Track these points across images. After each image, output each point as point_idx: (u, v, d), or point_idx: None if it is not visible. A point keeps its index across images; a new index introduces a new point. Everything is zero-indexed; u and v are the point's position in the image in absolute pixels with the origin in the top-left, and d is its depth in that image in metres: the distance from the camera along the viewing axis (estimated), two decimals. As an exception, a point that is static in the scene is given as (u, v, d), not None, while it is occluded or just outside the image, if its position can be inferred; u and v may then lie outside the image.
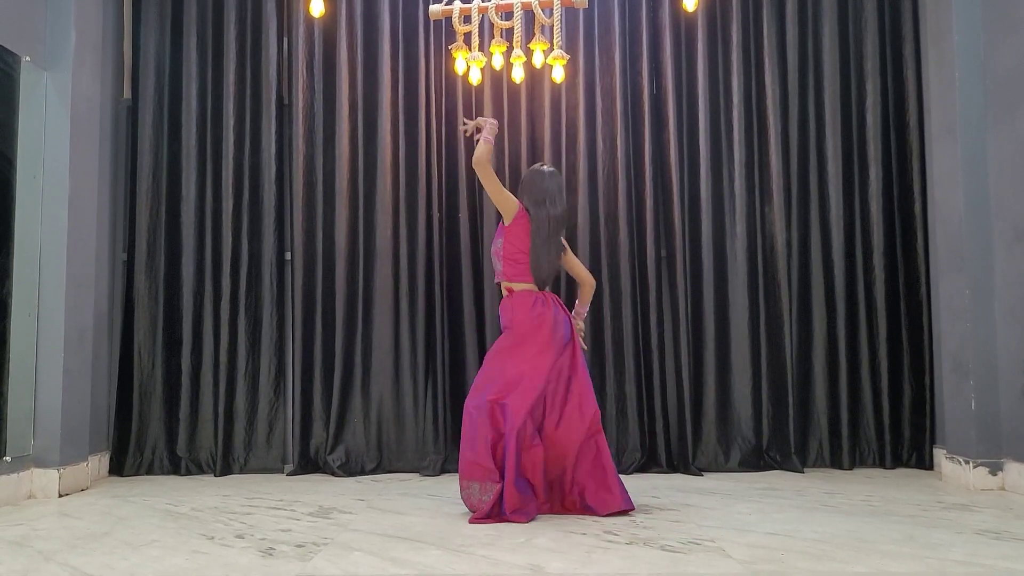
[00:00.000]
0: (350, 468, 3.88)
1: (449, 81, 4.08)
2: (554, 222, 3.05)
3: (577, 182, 4.03)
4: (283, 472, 3.93)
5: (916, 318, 3.95)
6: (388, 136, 4.06)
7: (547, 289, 3.09)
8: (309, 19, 4.08)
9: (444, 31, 4.08)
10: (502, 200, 3.02)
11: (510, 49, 3.38)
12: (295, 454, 3.94)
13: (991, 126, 3.47)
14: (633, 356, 3.92)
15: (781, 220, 3.99)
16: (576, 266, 3.21)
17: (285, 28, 4.16)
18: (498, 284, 3.15)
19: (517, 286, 3.03)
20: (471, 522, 2.74)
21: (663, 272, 4.04)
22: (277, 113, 4.10)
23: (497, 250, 3.08)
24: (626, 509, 2.85)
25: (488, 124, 3.03)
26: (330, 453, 3.91)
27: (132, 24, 4.13)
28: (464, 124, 3.23)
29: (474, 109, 4.07)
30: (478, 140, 3.03)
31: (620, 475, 2.97)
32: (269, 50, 4.10)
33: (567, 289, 3.99)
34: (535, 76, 4.05)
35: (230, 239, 4.02)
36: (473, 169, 3.22)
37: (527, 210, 3.05)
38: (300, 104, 4.06)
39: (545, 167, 3.16)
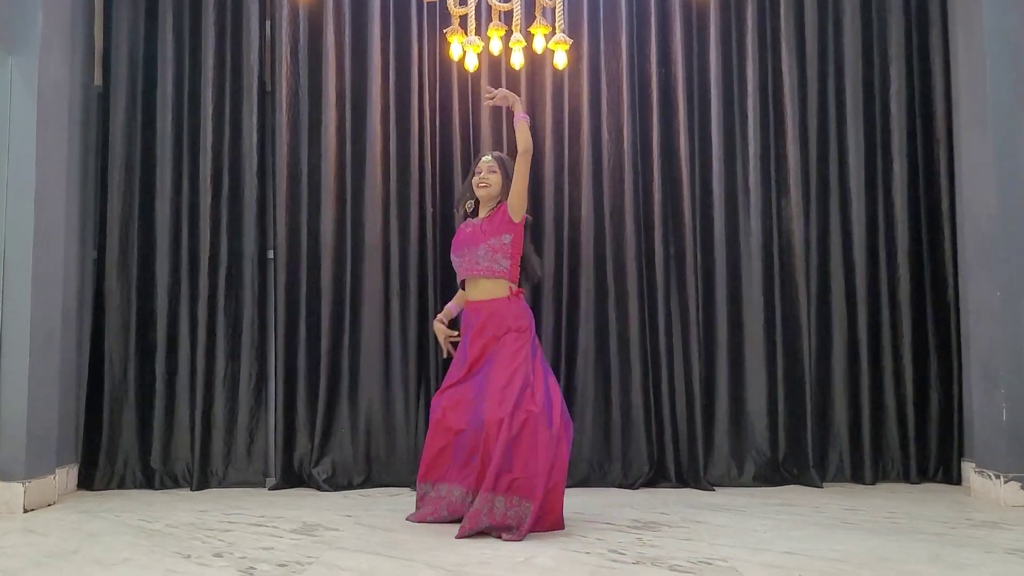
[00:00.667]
0: (336, 482, 3.88)
1: (443, 68, 4.08)
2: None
3: (581, 175, 4.04)
4: (264, 486, 3.93)
5: (943, 322, 3.95)
6: (378, 126, 4.05)
7: None
8: (294, 0, 4.08)
9: (438, 14, 4.08)
10: (523, 197, 3.04)
11: (509, 33, 3.38)
12: (277, 467, 3.94)
13: (1024, 116, 3.47)
14: (640, 361, 3.92)
15: (799, 216, 3.99)
16: None
17: (268, 10, 4.16)
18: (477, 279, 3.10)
19: (513, 287, 3.09)
20: (509, 540, 2.69)
21: (672, 271, 4.03)
22: (259, 101, 4.09)
23: (503, 246, 3.05)
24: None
25: (517, 99, 3.07)
26: (315, 466, 3.91)
27: (104, 5, 4.13)
28: (489, 94, 3.17)
29: (470, 98, 4.08)
30: (519, 119, 3.01)
31: (628, 489, 2.97)
32: (251, 34, 4.10)
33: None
34: (536, 62, 4.05)
35: (208, 236, 4.01)
36: (465, 162, 3.22)
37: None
38: (284, 91, 4.06)
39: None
